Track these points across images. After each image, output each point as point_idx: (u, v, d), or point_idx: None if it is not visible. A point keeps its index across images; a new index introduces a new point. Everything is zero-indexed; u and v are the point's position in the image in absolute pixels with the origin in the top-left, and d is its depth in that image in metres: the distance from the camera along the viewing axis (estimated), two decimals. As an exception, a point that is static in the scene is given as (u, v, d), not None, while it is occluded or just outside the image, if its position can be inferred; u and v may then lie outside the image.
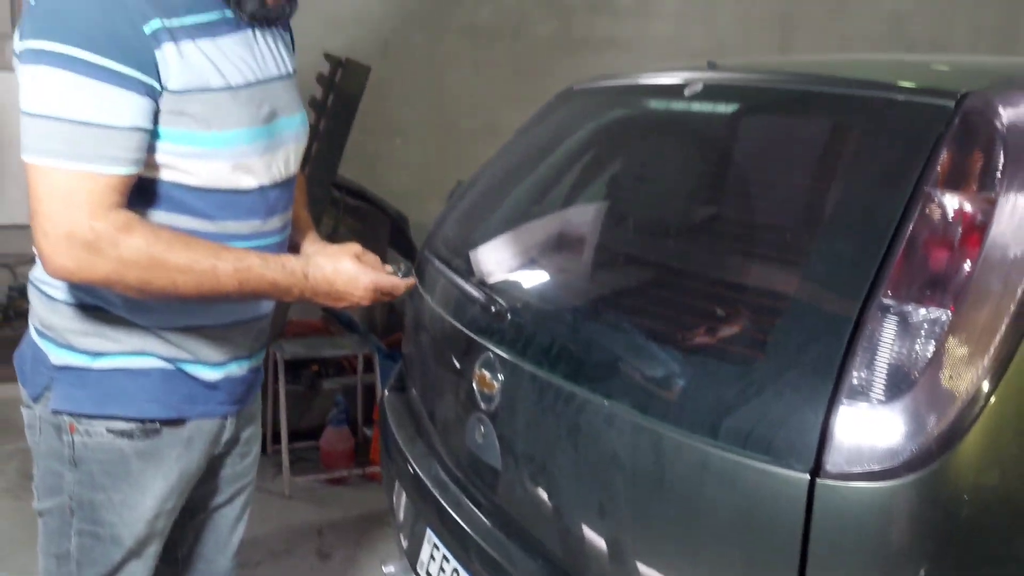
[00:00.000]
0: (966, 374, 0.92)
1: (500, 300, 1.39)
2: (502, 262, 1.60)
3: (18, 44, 1.08)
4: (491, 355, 1.35)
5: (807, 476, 0.90)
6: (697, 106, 1.43)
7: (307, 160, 3.05)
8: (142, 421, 1.22)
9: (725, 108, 1.42)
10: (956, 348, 0.92)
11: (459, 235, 1.80)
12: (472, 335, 1.44)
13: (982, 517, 0.93)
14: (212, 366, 1.27)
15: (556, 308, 1.38)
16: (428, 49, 3.63)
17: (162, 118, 1.11)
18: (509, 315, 1.35)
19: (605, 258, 1.48)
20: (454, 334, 1.52)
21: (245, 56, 1.20)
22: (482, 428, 1.36)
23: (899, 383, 0.90)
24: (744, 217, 1.31)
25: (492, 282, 1.51)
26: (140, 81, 1.06)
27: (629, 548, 1.11)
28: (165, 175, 1.14)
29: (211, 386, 1.27)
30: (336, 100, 3.00)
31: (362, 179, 3.51)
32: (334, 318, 3.40)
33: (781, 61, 1.60)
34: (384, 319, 3.84)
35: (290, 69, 1.31)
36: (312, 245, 1.42)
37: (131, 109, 1.06)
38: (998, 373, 0.92)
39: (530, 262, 1.58)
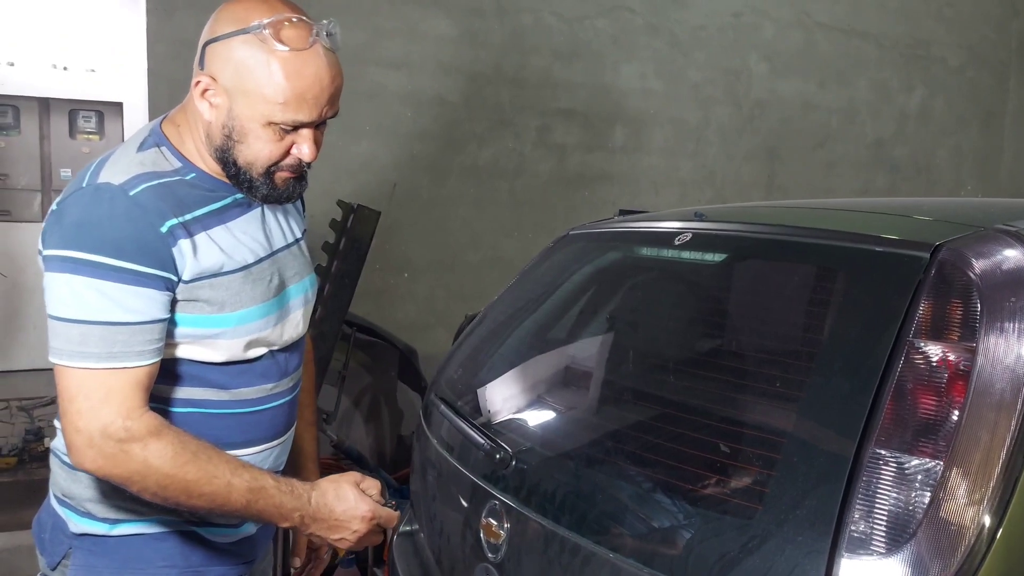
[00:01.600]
0: (966, 518, 0.93)
1: (504, 446, 1.41)
2: (506, 405, 1.64)
3: (44, 251, 1.15)
4: (496, 503, 1.36)
5: (815, 633, 0.90)
6: (687, 254, 1.51)
7: (320, 300, 3.15)
8: None
9: (713, 257, 1.50)
10: (953, 494, 0.94)
11: (464, 377, 1.83)
12: (477, 481, 1.45)
13: (997, 669, 0.92)
14: (229, 529, 1.28)
15: (558, 455, 1.40)
16: (433, 190, 3.80)
17: (178, 305, 1.16)
18: (514, 462, 1.38)
19: (605, 402, 1.51)
20: (460, 479, 1.53)
21: (255, 234, 1.26)
22: None
23: (899, 533, 0.92)
24: (738, 365, 1.36)
25: (496, 426, 1.54)
26: (160, 277, 1.13)
27: None
28: (183, 353, 1.19)
29: (227, 547, 1.29)
30: (348, 243, 3.12)
31: (371, 314, 3.59)
32: (343, 453, 3.39)
33: (766, 210, 1.69)
34: (394, 452, 3.82)
35: (297, 235, 1.37)
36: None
37: (154, 305, 1.12)
38: (999, 515, 0.93)
39: (533, 405, 1.61)
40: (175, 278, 1.15)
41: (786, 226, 1.43)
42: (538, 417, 1.57)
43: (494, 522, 1.36)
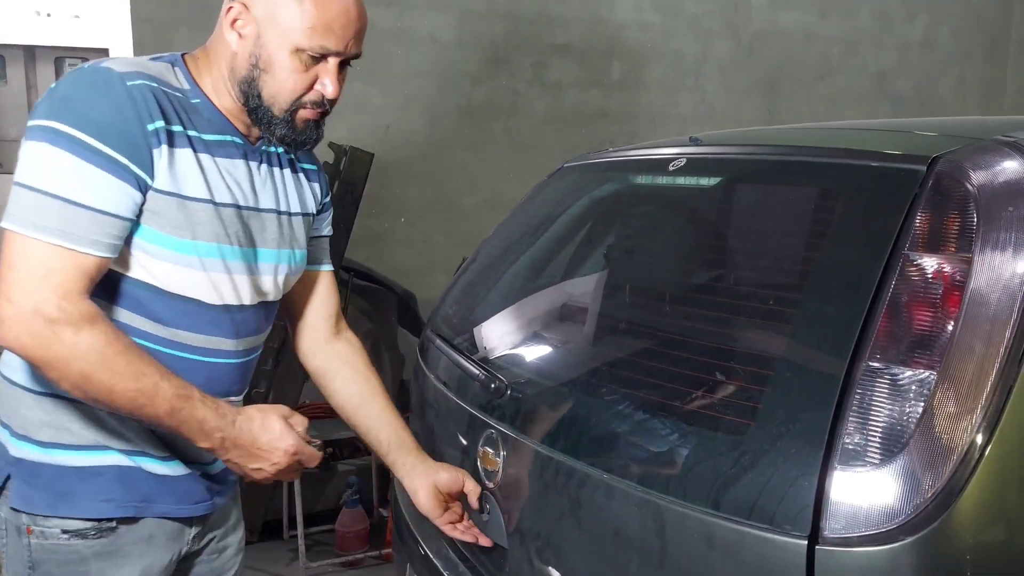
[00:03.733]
0: (958, 431, 0.93)
1: (500, 376, 1.41)
2: (501, 338, 1.64)
3: (29, 122, 1.12)
4: (493, 432, 1.37)
5: (806, 543, 0.91)
6: (682, 179, 1.48)
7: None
8: (98, 520, 1.19)
9: (708, 181, 1.47)
10: (946, 406, 0.93)
11: (459, 313, 1.83)
12: (474, 412, 1.46)
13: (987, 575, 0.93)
14: (173, 461, 1.25)
15: (553, 383, 1.40)
16: (427, 132, 3.75)
17: (144, 214, 1.13)
18: (509, 391, 1.38)
19: (597, 330, 1.51)
20: (458, 412, 1.54)
21: (241, 182, 1.24)
22: (487, 506, 1.37)
23: (891, 445, 0.92)
24: (730, 286, 1.35)
25: (492, 359, 1.54)
26: (135, 173, 1.10)
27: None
28: (133, 272, 1.16)
29: (170, 483, 1.25)
30: (342, 187, 3.09)
31: (369, 260, 3.58)
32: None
33: (760, 133, 1.66)
34: (396, 396, 3.86)
35: (296, 209, 1.34)
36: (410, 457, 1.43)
37: (123, 198, 1.10)
38: (991, 427, 0.93)
39: (528, 337, 1.61)
40: (149, 180, 1.12)
41: (781, 146, 1.40)
42: (532, 348, 1.57)
43: (490, 450, 1.37)
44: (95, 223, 1.08)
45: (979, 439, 0.92)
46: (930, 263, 1.01)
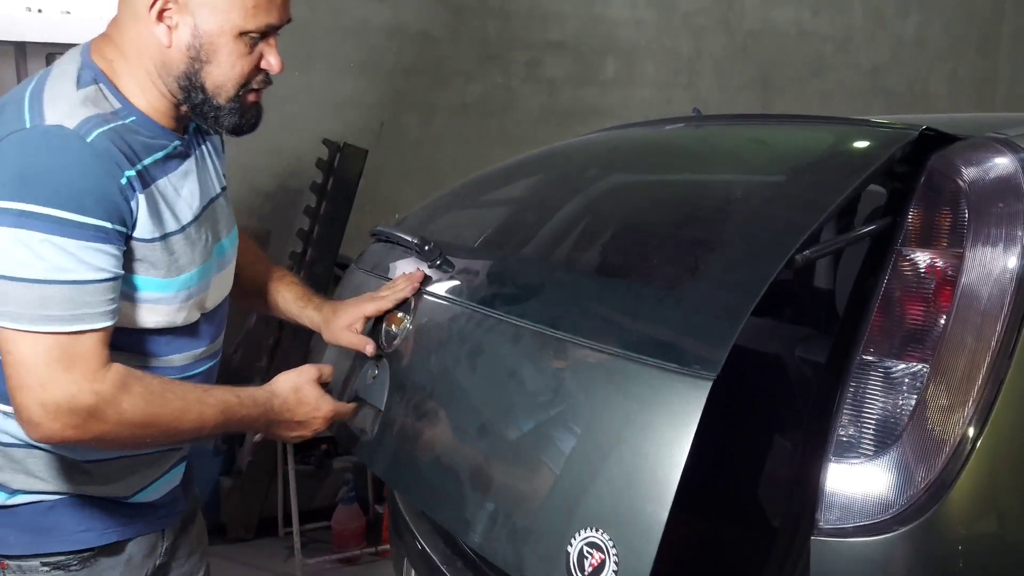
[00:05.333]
0: (950, 424, 0.94)
1: (433, 241, 1.42)
2: (445, 231, 1.65)
3: None
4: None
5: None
6: (675, 132, 1.49)
7: (309, 242, 3.13)
8: (78, 552, 1.16)
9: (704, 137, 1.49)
10: (938, 399, 0.95)
11: (410, 223, 1.83)
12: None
13: (979, 566, 0.94)
14: (144, 490, 1.22)
15: (484, 249, 1.44)
16: (421, 129, 3.75)
17: (126, 264, 1.08)
18: (440, 252, 1.39)
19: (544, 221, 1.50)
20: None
21: (191, 186, 1.19)
22: (375, 370, 1.36)
23: (884, 437, 0.93)
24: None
25: (429, 240, 1.50)
26: (119, 232, 1.05)
27: None
28: (124, 322, 1.10)
29: (147, 506, 1.23)
30: (335, 183, 3.09)
31: (363, 256, 3.58)
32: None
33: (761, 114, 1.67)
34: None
35: (224, 182, 1.29)
36: (315, 310, 1.41)
37: (114, 260, 1.05)
38: (982, 420, 0.95)
39: (473, 235, 1.62)
40: (129, 232, 1.08)
41: (783, 115, 1.41)
42: (472, 235, 1.59)
43: (401, 313, 1.38)
44: (99, 295, 1.03)
45: (971, 431, 0.94)
46: (923, 258, 1.03)
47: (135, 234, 1.08)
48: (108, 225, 1.03)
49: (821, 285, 1.54)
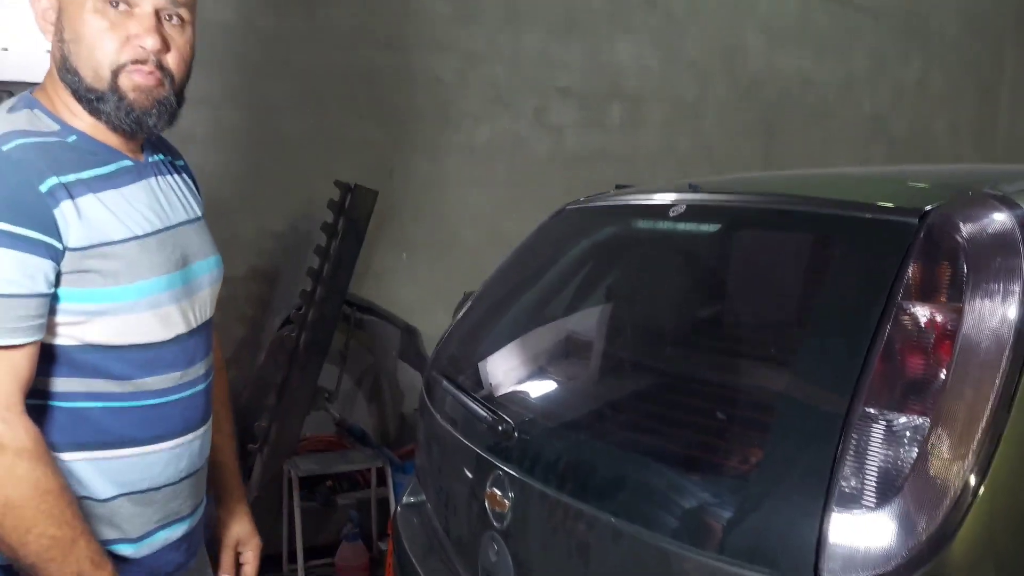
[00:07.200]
0: (951, 475, 0.96)
1: (506, 418, 1.44)
2: (506, 378, 1.67)
3: None
4: (500, 473, 1.40)
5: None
6: (682, 225, 1.53)
7: (319, 280, 3.17)
8: None
9: (708, 227, 1.52)
10: (939, 451, 0.97)
11: (464, 352, 1.86)
12: (481, 453, 1.48)
13: (981, 616, 0.95)
14: (134, 542, 1.15)
15: (559, 425, 1.43)
16: (429, 170, 3.81)
17: (64, 279, 1.04)
18: (516, 433, 1.41)
19: (602, 371, 1.55)
20: (464, 451, 1.56)
21: (151, 204, 1.16)
22: (495, 546, 1.39)
23: (887, 488, 0.95)
24: (731, 333, 1.38)
25: (498, 399, 1.57)
26: (41, 242, 1.01)
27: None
28: (77, 339, 1.07)
29: (134, 564, 1.16)
30: (346, 224, 3.14)
31: (373, 295, 3.62)
32: (346, 431, 3.44)
33: (759, 180, 1.71)
34: (397, 431, 3.87)
35: (198, 213, 1.28)
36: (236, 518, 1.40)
37: (33, 273, 1.00)
38: (982, 471, 0.96)
39: (533, 377, 1.64)
40: (59, 245, 1.02)
41: (779, 195, 1.45)
42: (538, 389, 1.61)
43: (498, 491, 1.40)
44: (9, 310, 0.98)
45: (971, 482, 0.95)
46: (923, 312, 1.05)
47: (71, 243, 1.04)
48: (25, 232, 0.99)
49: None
